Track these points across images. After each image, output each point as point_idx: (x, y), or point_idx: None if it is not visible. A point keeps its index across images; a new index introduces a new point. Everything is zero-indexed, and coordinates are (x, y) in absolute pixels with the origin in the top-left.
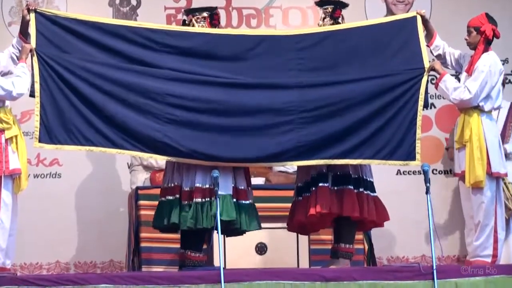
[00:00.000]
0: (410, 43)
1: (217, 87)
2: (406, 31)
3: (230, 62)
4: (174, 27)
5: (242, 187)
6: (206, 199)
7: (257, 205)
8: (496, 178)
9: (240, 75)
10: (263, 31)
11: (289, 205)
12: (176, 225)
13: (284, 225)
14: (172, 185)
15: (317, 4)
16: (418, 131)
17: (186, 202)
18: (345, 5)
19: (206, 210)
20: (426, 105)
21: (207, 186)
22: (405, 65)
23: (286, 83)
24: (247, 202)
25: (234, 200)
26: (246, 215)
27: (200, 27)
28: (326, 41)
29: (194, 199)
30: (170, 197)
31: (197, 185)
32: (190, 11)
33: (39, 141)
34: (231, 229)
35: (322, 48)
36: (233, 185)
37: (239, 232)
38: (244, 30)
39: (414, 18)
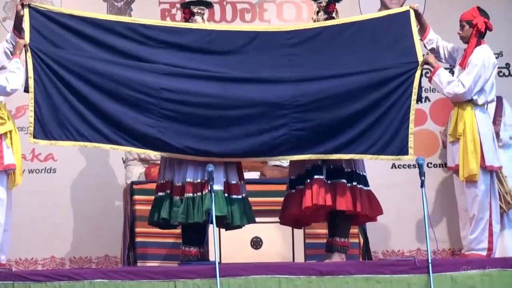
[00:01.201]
0: (404, 37)
1: (211, 82)
2: (400, 25)
3: (224, 57)
4: (168, 23)
5: (234, 182)
6: (198, 194)
7: (252, 199)
8: (490, 171)
9: (234, 69)
10: (256, 27)
11: None
12: (167, 221)
13: None
14: (164, 181)
15: None
16: (411, 125)
17: (178, 197)
18: None
19: (198, 205)
20: (419, 99)
21: (198, 180)
22: (398, 59)
23: (280, 78)
24: (239, 196)
25: (226, 195)
26: (238, 210)
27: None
28: (319, 36)
29: (186, 194)
30: (162, 193)
31: (188, 179)
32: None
33: (34, 137)
34: (224, 224)
35: (315, 44)
36: (224, 180)
37: (233, 226)
38: (238, 26)
39: (407, 12)
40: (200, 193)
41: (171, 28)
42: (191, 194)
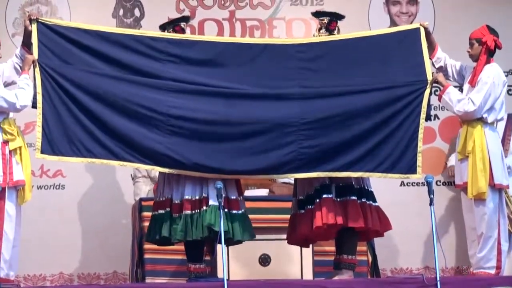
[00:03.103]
0: (413, 55)
1: (219, 98)
2: (409, 43)
3: (232, 70)
4: (176, 35)
5: (234, 197)
6: (196, 211)
7: (261, 216)
8: (498, 189)
9: (243, 84)
10: (266, 39)
11: None
12: (168, 239)
13: None
14: (163, 198)
15: (314, 14)
16: (420, 144)
17: (177, 214)
18: (341, 17)
19: (196, 221)
20: (428, 118)
21: (197, 197)
22: (408, 77)
23: (289, 94)
24: (239, 212)
25: (226, 210)
26: (239, 225)
27: None
28: (329, 50)
29: (184, 212)
30: (162, 211)
31: (186, 197)
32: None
33: (41, 152)
34: (225, 239)
35: (325, 58)
36: (224, 195)
37: (234, 242)
38: (247, 38)
39: (418, 29)
40: (198, 210)
41: (179, 40)
42: (189, 212)
